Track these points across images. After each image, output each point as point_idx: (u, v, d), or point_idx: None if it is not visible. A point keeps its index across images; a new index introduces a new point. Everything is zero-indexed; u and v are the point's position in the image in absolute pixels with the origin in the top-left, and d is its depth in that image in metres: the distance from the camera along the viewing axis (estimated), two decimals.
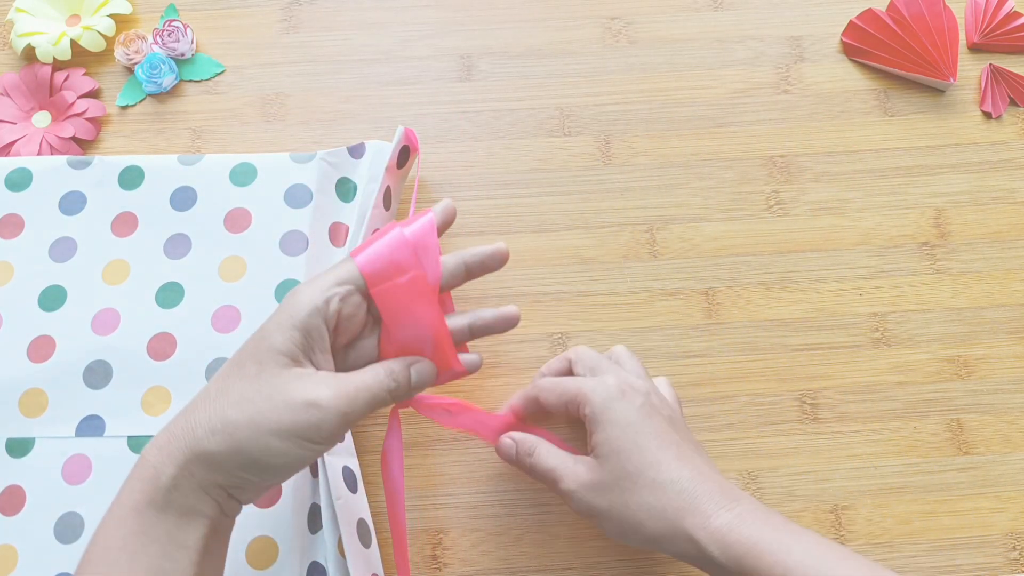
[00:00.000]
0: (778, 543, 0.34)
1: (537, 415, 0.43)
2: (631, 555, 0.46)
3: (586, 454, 0.40)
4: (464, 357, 0.39)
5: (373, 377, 0.35)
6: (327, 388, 0.33)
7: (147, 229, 0.48)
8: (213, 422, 0.33)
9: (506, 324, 0.40)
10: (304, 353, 0.34)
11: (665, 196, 0.52)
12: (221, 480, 0.33)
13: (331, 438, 0.34)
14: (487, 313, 0.40)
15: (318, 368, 0.35)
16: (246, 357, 0.34)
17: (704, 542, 0.35)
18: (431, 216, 0.38)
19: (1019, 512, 0.46)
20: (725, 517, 0.35)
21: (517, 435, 0.42)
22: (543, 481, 0.40)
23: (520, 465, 0.41)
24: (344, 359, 0.38)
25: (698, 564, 0.36)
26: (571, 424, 0.47)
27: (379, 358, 0.38)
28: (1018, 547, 0.46)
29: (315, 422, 0.33)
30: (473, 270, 0.39)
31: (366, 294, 0.36)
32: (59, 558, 0.42)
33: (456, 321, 0.39)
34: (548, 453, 0.40)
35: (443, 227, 0.39)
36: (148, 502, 0.32)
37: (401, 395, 0.36)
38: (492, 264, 0.39)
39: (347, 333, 0.37)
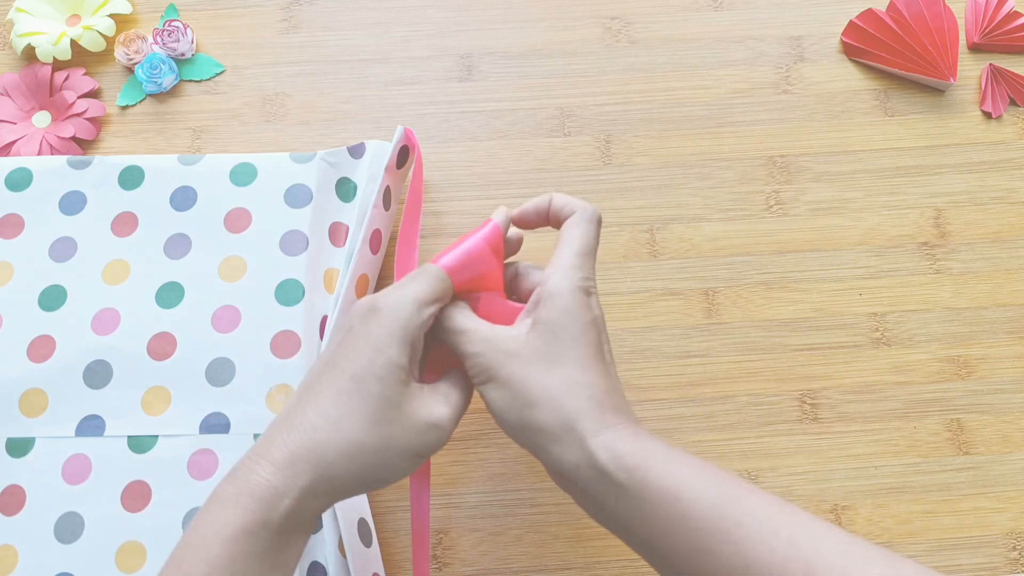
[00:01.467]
0: (672, 457, 0.33)
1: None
2: (631, 555, 0.45)
3: None
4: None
5: (468, 392, 0.37)
6: (445, 407, 0.34)
7: (147, 229, 0.48)
8: (343, 446, 0.32)
9: (517, 246, 0.41)
10: (412, 366, 0.35)
11: (665, 196, 0.52)
12: (339, 498, 0.33)
13: (438, 451, 0.35)
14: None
15: (417, 381, 0.35)
16: (362, 372, 0.33)
17: (597, 447, 0.33)
18: (495, 225, 0.38)
19: (1019, 512, 0.46)
20: (626, 430, 0.33)
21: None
22: (444, 339, 0.37)
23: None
24: None
25: (573, 476, 0.34)
26: None
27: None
28: (1018, 547, 0.46)
29: (435, 442, 0.34)
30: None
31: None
32: (59, 558, 0.42)
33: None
34: (459, 315, 0.37)
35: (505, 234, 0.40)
36: (262, 523, 0.31)
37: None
38: (513, 247, 0.41)
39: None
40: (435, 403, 0.34)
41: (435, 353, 0.38)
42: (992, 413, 0.48)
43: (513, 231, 0.40)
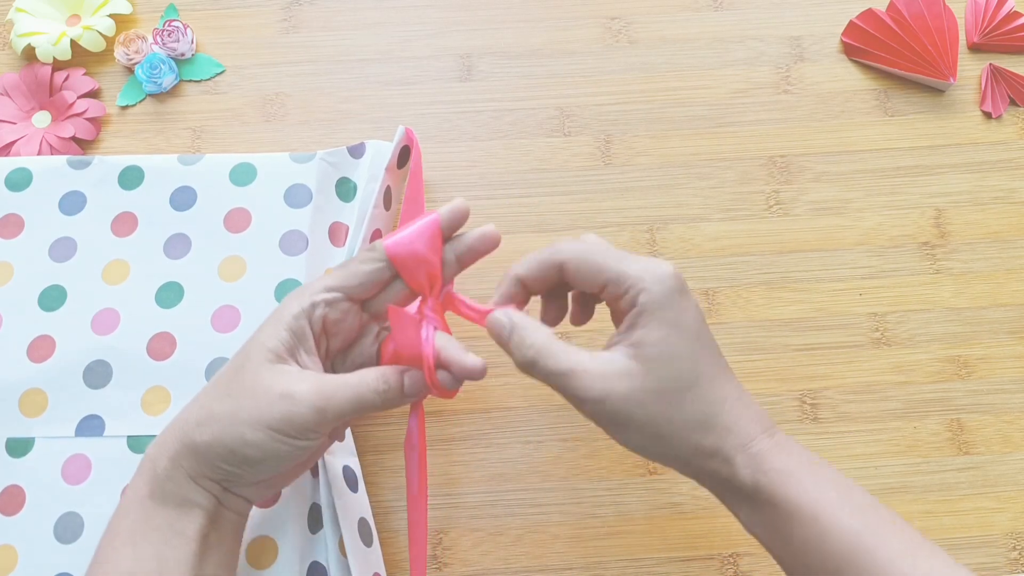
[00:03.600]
0: (814, 477, 0.32)
1: (545, 291, 0.37)
2: (631, 555, 0.46)
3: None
4: (467, 361, 0.35)
5: (359, 378, 0.34)
6: (305, 383, 0.34)
7: (147, 229, 0.48)
8: (200, 414, 0.34)
9: (489, 243, 0.37)
10: (289, 352, 0.35)
11: (665, 196, 0.52)
12: (207, 471, 0.34)
13: (304, 432, 0.33)
14: (468, 238, 0.37)
15: (303, 368, 0.35)
16: (238, 355, 0.36)
17: (740, 465, 0.33)
18: (435, 217, 0.36)
19: (1019, 512, 0.46)
20: (765, 443, 0.33)
21: (517, 317, 0.35)
22: (544, 381, 0.34)
23: (512, 353, 0.35)
24: (342, 363, 0.39)
25: (722, 488, 0.34)
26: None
27: (378, 363, 0.38)
28: (1018, 547, 0.46)
29: (287, 414, 0.33)
30: (464, 258, 0.37)
31: (356, 300, 0.37)
32: (59, 558, 0.42)
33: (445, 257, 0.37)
34: (558, 350, 0.34)
35: (452, 228, 0.37)
36: (148, 493, 0.34)
37: (393, 401, 0.35)
38: (482, 248, 0.37)
39: (339, 337, 0.37)
40: (299, 381, 0.34)
41: (385, 344, 0.37)
42: (992, 413, 0.48)
43: (454, 203, 0.37)
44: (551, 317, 0.39)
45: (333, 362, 0.38)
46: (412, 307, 0.38)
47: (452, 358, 0.35)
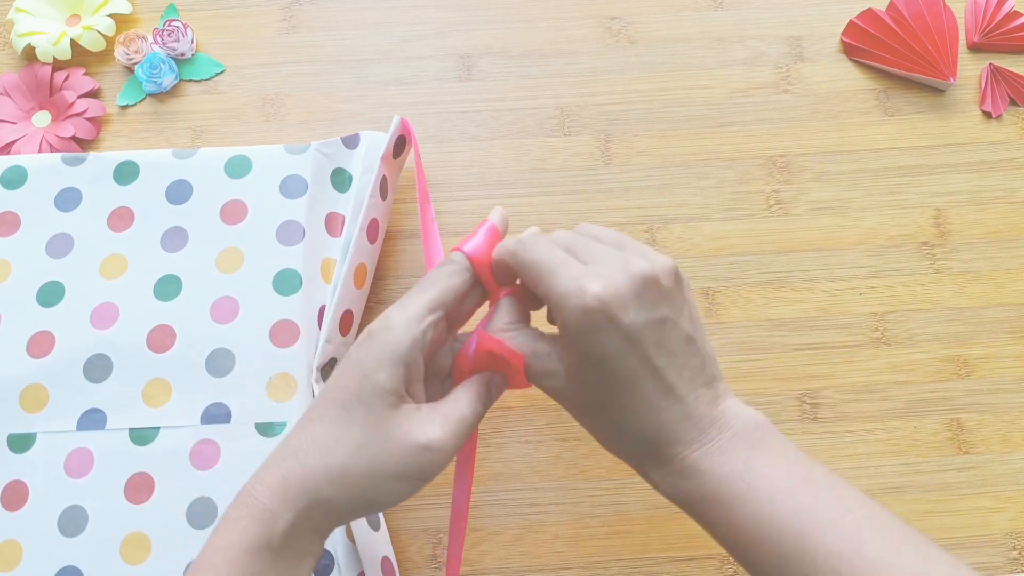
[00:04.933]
0: (732, 497, 0.32)
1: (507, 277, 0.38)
2: (631, 555, 0.46)
3: None
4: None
5: (469, 407, 0.35)
6: (437, 428, 0.33)
7: (143, 223, 0.48)
8: (331, 470, 0.32)
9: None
10: (406, 387, 0.34)
11: (665, 196, 0.52)
12: (336, 522, 0.34)
13: (439, 472, 0.34)
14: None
15: (415, 399, 0.35)
16: (351, 399, 0.33)
17: (660, 486, 0.34)
18: (492, 224, 0.38)
19: (1019, 512, 0.46)
20: (682, 463, 0.33)
21: (503, 301, 0.37)
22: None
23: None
24: None
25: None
26: None
27: (453, 364, 0.38)
28: (1018, 547, 0.46)
29: (430, 464, 0.33)
30: None
31: (449, 314, 0.36)
32: (63, 552, 0.42)
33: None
34: (520, 333, 0.36)
35: (504, 232, 0.38)
36: (264, 545, 0.32)
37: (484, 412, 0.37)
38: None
39: (428, 356, 0.37)
40: (430, 424, 0.33)
41: (463, 357, 0.37)
42: (992, 413, 0.48)
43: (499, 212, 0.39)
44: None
45: None
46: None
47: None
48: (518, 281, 0.37)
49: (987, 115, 0.54)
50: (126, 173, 0.49)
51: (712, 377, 0.35)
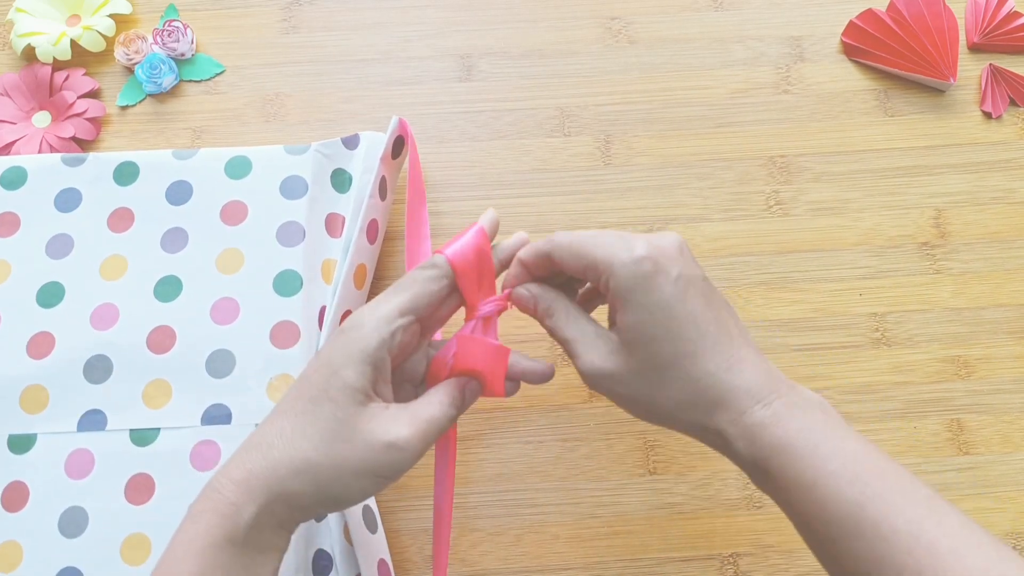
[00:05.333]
0: (812, 447, 0.32)
1: (549, 278, 0.38)
2: (631, 555, 0.46)
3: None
4: (539, 368, 0.38)
5: (440, 410, 0.35)
6: (404, 427, 0.33)
7: (143, 224, 0.48)
8: (295, 463, 0.33)
9: (523, 244, 0.38)
10: (373, 387, 0.34)
11: (665, 196, 0.52)
12: (300, 516, 0.34)
13: (404, 471, 0.34)
14: (509, 244, 0.38)
15: (383, 398, 0.35)
16: (319, 394, 0.34)
17: (733, 437, 0.33)
18: (480, 227, 0.37)
19: (1019, 512, 0.46)
20: (759, 414, 0.33)
21: (535, 288, 0.37)
22: (561, 347, 0.37)
23: (539, 321, 0.38)
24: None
25: (729, 457, 0.35)
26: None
27: (428, 370, 0.38)
28: (1018, 547, 0.46)
29: (395, 462, 0.33)
30: (505, 262, 0.39)
31: (423, 319, 0.36)
32: (64, 553, 0.42)
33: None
34: (568, 318, 0.36)
35: (492, 236, 0.39)
36: (227, 538, 0.32)
37: (457, 416, 0.36)
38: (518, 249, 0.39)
39: (401, 357, 0.37)
40: (397, 423, 0.33)
41: (439, 362, 0.37)
42: (992, 413, 0.48)
43: (490, 214, 0.39)
44: None
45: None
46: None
47: (527, 368, 0.38)
48: (508, 294, 0.38)
49: (987, 115, 0.54)
50: (126, 174, 0.49)
51: (756, 346, 0.35)
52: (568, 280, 0.39)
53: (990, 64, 0.55)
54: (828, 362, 0.49)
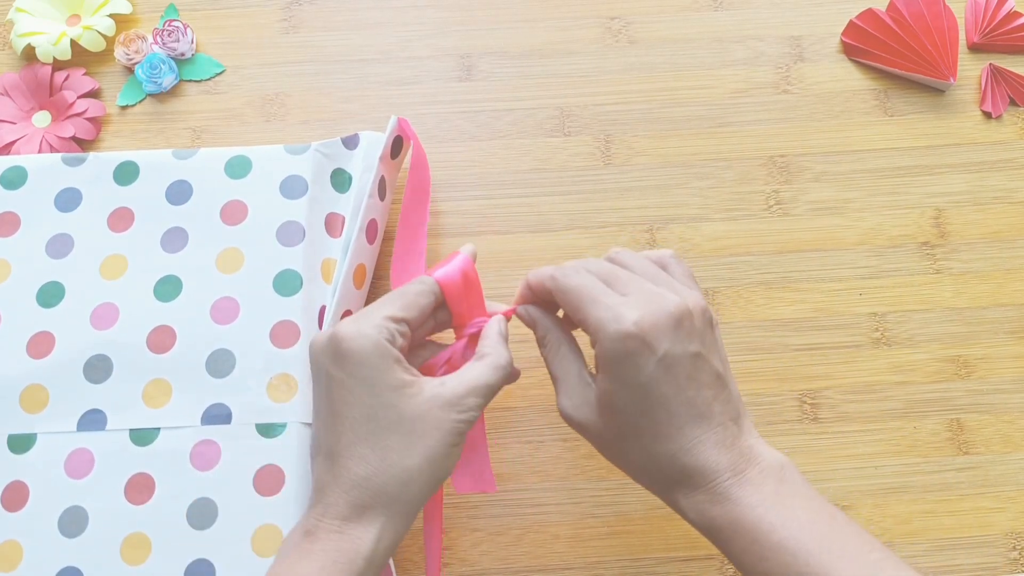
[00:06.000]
0: (756, 520, 0.33)
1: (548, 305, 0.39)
2: (631, 555, 0.46)
3: None
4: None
5: (486, 371, 0.37)
6: (460, 387, 0.36)
7: (143, 224, 0.48)
8: (400, 478, 0.34)
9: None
10: (411, 368, 0.36)
11: (665, 196, 0.52)
12: (413, 519, 0.35)
13: (474, 420, 0.36)
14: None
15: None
16: (373, 410, 0.34)
17: (685, 509, 0.35)
18: (466, 256, 0.40)
19: (1019, 512, 0.46)
20: (710, 492, 0.34)
21: (536, 313, 0.39)
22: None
23: (536, 343, 0.40)
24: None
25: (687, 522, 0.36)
26: None
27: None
28: (1018, 547, 0.46)
29: (472, 412, 0.36)
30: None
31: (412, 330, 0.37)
32: (64, 552, 0.42)
33: None
34: (557, 354, 0.38)
35: None
36: (348, 572, 0.33)
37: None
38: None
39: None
40: (444, 386, 0.35)
41: (430, 369, 0.39)
42: (992, 413, 0.48)
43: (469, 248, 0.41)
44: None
45: None
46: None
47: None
48: (512, 310, 0.40)
49: (987, 115, 0.54)
50: (126, 173, 0.49)
51: (738, 414, 0.36)
52: None
53: (990, 64, 0.55)
54: (828, 362, 0.49)
